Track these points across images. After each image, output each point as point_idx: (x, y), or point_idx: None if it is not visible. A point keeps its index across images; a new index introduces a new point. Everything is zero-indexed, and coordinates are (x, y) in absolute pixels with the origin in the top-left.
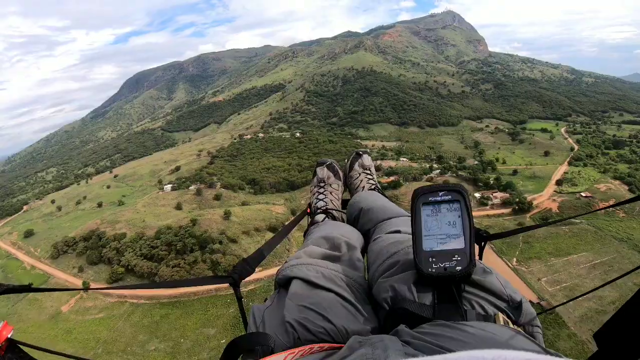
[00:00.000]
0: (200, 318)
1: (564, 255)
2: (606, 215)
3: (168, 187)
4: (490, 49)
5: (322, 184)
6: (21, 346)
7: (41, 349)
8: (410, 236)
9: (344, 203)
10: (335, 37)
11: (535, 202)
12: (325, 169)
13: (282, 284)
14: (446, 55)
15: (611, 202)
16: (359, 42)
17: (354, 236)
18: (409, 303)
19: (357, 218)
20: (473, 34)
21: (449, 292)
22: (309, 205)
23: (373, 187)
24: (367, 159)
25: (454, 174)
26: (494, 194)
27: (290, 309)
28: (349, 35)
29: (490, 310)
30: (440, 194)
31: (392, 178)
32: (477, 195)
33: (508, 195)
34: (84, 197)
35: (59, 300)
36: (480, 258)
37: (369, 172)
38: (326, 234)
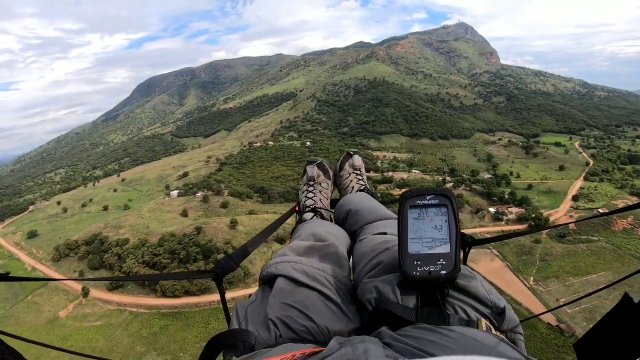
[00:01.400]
0: (200, 331)
1: (583, 275)
2: (624, 233)
3: (174, 193)
4: (502, 61)
5: (311, 183)
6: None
7: (17, 337)
8: (396, 237)
9: (333, 203)
10: (347, 47)
11: (551, 218)
12: (316, 167)
13: (267, 281)
14: (458, 67)
15: (630, 219)
16: (371, 52)
17: (340, 235)
18: (392, 305)
19: (344, 219)
20: (485, 46)
21: (432, 295)
22: (298, 203)
23: (362, 187)
24: (357, 160)
25: (468, 188)
26: (509, 209)
27: (273, 306)
28: (361, 45)
29: (473, 315)
30: (428, 197)
31: (403, 190)
32: (492, 210)
33: (523, 210)
34: (90, 200)
35: (57, 304)
36: (465, 263)
37: (359, 172)
38: (313, 231)
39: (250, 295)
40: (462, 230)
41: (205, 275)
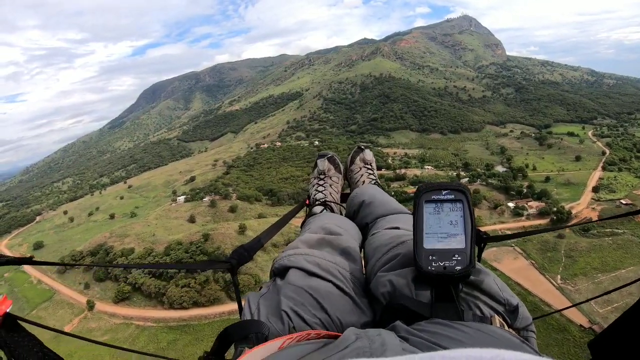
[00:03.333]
0: (210, 346)
1: (611, 271)
2: None
3: (181, 198)
4: (507, 53)
5: (322, 176)
6: (20, 322)
7: (42, 326)
8: (410, 232)
9: (344, 197)
10: (351, 45)
11: (573, 211)
12: (326, 161)
13: (278, 273)
14: (464, 60)
15: None
16: (376, 48)
17: (351, 229)
18: (406, 299)
19: (357, 211)
20: (490, 38)
21: (446, 291)
22: (308, 196)
23: (373, 182)
24: (368, 154)
25: (484, 182)
26: (529, 203)
27: (287, 297)
28: (365, 42)
29: (487, 312)
30: (444, 192)
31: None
32: (511, 205)
33: (543, 204)
34: (97, 208)
35: (62, 319)
36: (479, 260)
37: (369, 167)
38: (324, 225)
39: (262, 287)
40: (477, 227)
41: (220, 265)
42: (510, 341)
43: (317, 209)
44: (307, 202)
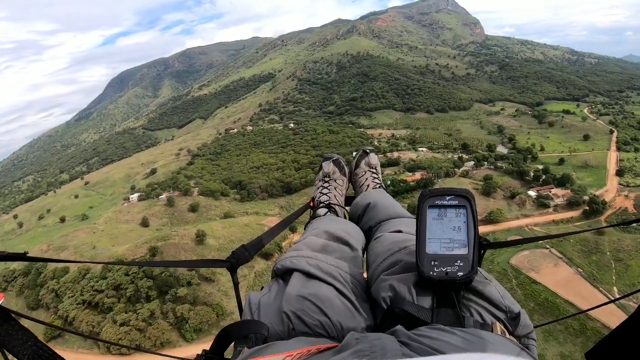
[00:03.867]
0: None
1: None
2: None
3: (134, 197)
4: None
5: (327, 179)
6: (13, 315)
7: (37, 321)
8: (413, 236)
9: (348, 200)
10: (325, 25)
11: (604, 199)
12: (332, 164)
13: (280, 274)
14: (442, 39)
15: None
16: (352, 27)
17: (355, 233)
18: (407, 304)
19: (361, 215)
20: (468, 17)
21: (448, 297)
22: (313, 198)
23: (378, 186)
24: (373, 158)
25: (492, 166)
26: (553, 192)
27: (288, 299)
28: (340, 22)
29: (488, 319)
30: (448, 198)
31: (418, 175)
32: (532, 193)
33: (570, 192)
34: (48, 210)
35: None
36: (480, 266)
37: (374, 170)
38: (327, 228)
39: (262, 287)
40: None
41: (220, 264)
42: (510, 348)
43: (321, 211)
44: (311, 204)
